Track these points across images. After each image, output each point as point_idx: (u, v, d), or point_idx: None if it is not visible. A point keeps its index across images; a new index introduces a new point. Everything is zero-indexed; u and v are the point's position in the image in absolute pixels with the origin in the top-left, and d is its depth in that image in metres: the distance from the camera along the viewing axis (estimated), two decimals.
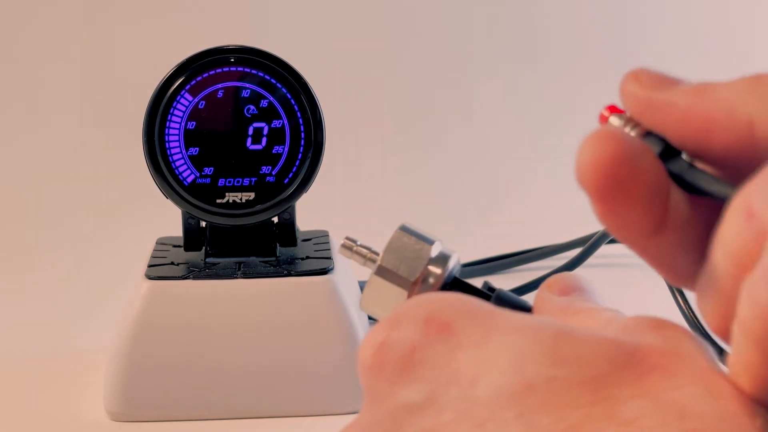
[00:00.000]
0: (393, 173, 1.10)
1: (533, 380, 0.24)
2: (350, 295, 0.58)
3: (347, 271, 0.61)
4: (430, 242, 0.32)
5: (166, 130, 0.58)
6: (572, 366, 0.24)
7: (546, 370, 0.24)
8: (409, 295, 0.31)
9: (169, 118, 0.58)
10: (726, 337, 0.25)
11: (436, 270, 0.31)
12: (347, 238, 0.34)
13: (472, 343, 0.25)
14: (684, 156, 0.27)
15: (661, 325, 0.25)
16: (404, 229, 0.32)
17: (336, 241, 0.64)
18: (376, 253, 0.33)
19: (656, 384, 0.23)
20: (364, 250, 0.34)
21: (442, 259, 0.31)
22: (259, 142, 0.58)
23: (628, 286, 0.73)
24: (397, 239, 0.32)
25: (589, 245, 0.75)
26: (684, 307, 0.63)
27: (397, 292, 0.31)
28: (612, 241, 0.79)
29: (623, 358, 0.24)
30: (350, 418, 0.57)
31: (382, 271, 0.32)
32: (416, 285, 0.31)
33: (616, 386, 0.23)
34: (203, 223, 0.60)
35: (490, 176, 1.11)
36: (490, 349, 0.25)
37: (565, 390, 0.23)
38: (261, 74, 0.58)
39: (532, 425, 0.23)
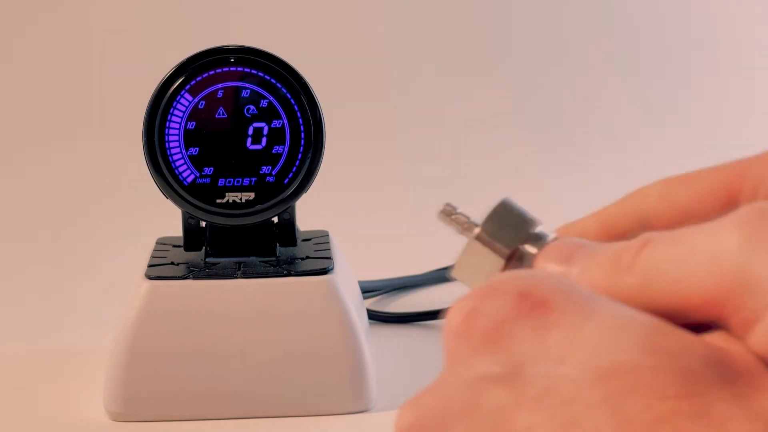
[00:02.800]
0: (393, 173, 1.10)
1: (624, 365, 0.24)
2: (350, 295, 0.58)
3: (347, 271, 0.61)
4: (532, 219, 0.31)
5: (166, 130, 0.58)
6: (663, 356, 0.24)
7: (639, 357, 0.24)
8: (504, 268, 0.31)
9: (169, 118, 0.58)
10: None
11: (532, 249, 0.31)
12: (447, 204, 0.34)
13: (568, 323, 0.25)
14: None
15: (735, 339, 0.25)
16: (508, 201, 0.32)
17: (336, 241, 0.64)
18: (475, 223, 0.32)
19: (745, 390, 0.23)
20: (463, 218, 0.33)
21: (541, 238, 0.31)
22: (259, 142, 0.58)
23: None
24: (500, 209, 0.32)
25: None
26: None
27: (492, 261, 0.31)
28: None
29: (715, 359, 0.24)
30: (350, 418, 0.57)
31: (480, 237, 0.31)
32: (513, 258, 0.31)
33: (706, 384, 0.23)
34: (203, 223, 0.60)
35: (490, 176, 1.11)
36: (585, 331, 0.25)
37: (655, 380, 0.23)
38: (261, 74, 0.58)
39: (617, 410, 0.23)
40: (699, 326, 0.26)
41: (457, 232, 0.33)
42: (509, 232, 0.31)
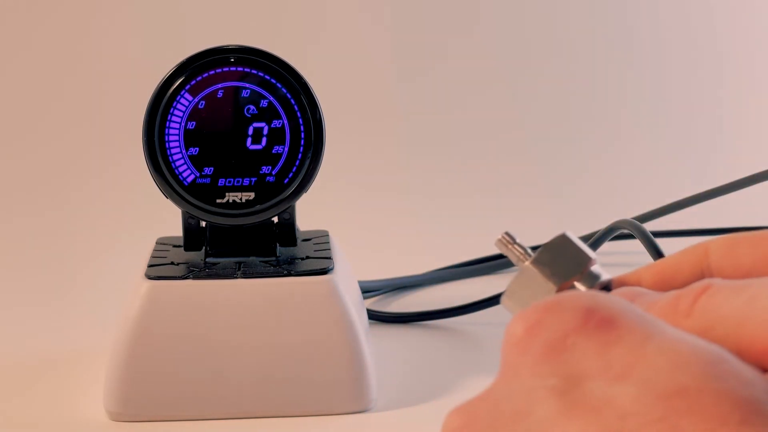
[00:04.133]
0: (393, 173, 1.10)
1: (687, 387, 0.24)
2: (350, 295, 0.58)
3: (347, 271, 0.61)
4: (588, 257, 0.32)
5: (166, 130, 0.58)
6: (728, 383, 0.24)
7: (701, 381, 0.24)
8: None
9: (169, 118, 0.58)
10: None
11: (582, 287, 0.31)
12: (506, 233, 0.34)
13: (632, 341, 0.25)
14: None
15: None
16: (567, 235, 0.32)
17: (336, 241, 0.64)
18: (531, 255, 0.33)
19: None
20: (520, 249, 0.33)
21: (594, 277, 0.31)
22: (259, 142, 0.58)
23: None
24: (558, 242, 0.32)
25: (589, 244, 0.75)
26: None
27: (544, 291, 0.31)
28: (614, 239, 0.79)
29: None
30: (350, 418, 0.57)
31: (535, 266, 0.32)
32: (564, 289, 0.31)
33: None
34: (203, 223, 0.60)
35: (489, 176, 1.11)
36: (649, 350, 0.25)
37: (716, 403, 0.23)
38: (261, 74, 0.58)
39: (675, 428, 0.23)
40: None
41: (513, 261, 0.33)
42: (563, 266, 0.32)
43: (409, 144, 1.13)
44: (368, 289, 0.76)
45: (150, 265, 0.58)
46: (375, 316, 0.72)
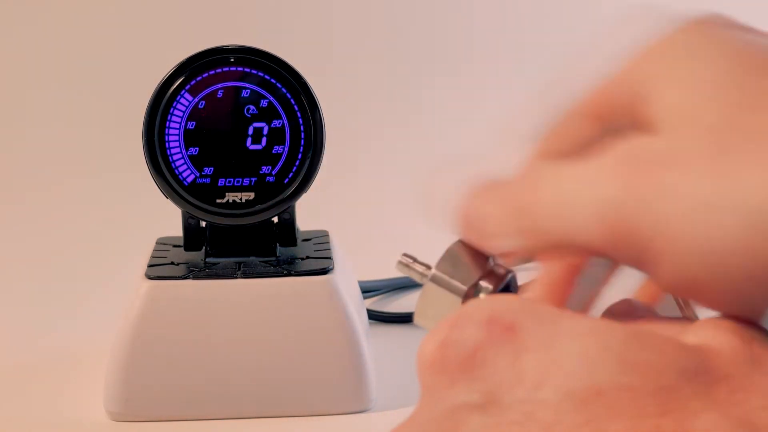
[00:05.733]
0: (393, 173, 1.10)
1: (602, 386, 0.24)
2: (350, 295, 0.58)
3: (347, 271, 0.61)
4: (486, 255, 0.32)
5: (166, 130, 0.58)
6: (642, 374, 0.24)
7: (615, 377, 0.24)
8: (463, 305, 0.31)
9: (169, 118, 0.58)
10: None
11: (488, 285, 0.31)
12: (405, 254, 0.34)
13: (538, 345, 0.25)
14: None
15: (729, 327, 0.25)
16: (461, 241, 0.32)
17: (336, 241, 0.64)
18: (431, 268, 0.33)
19: (725, 397, 0.23)
20: (421, 266, 0.33)
21: (496, 273, 0.31)
22: (259, 142, 0.58)
23: (628, 286, 0.73)
24: (453, 250, 0.32)
25: None
26: (683, 307, 0.62)
27: (451, 301, 0.31)
28: None
29: (692, 368, 0.24)
30: (350, 418, 0.57)
31: (436, 278, 0.32)
32: (469, 296, 0.31)
33: (686, 398, 0.23)
34: (203, 223, 0.60)
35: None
36: (557, 352, 0.25)
37: (635, 399, 0.23)
38: (261, 74, 0.58)
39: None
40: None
41: (417, 280, 0.33)
42: (464, 270, 0.31)
43: (410, 144, 1.13)
44: (368, 289, 0.76)
45: (150, 265, 0.58)
46: (375, 316, 0.72)
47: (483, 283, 0.31)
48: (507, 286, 0.32)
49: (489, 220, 0.29)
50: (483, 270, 0.31)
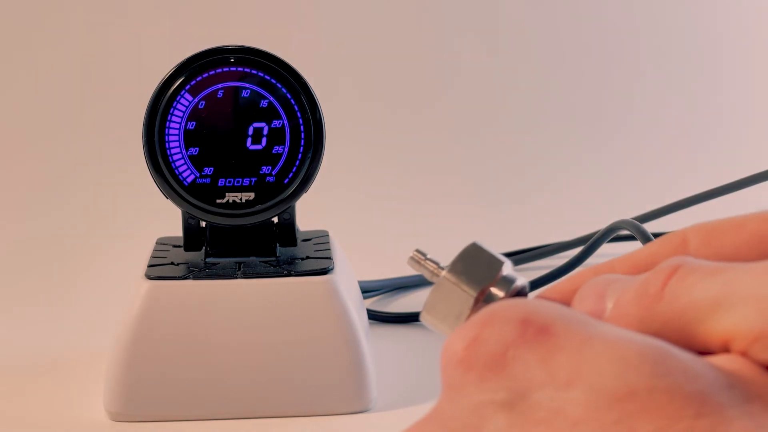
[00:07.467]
0: (393, 173, 1.10)
1: (636, 387, 0.24)
2: (350, 295, 0.58)
3: (347, 271, 0.61)
4: (501, 262, 0.32)
5: (166, 130, 0.58)
6: (677, 379, 0.24)
7: (650, 379, 0.24)
8: (472, 310, 0.31)
9: (169, 118, 0.58)
10: None
11: (498, 292, 0.31)
12: (417, 251, 0.34)
13: (572, 346, 0.25)
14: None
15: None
16: (478, 244, 0.32)
17: (336, 241, 0.64)
18: (443, 268, 0.32)
19: (761, 412, 0.23)
20: (432, 264, 0.33)
21: (509, 281, 0.31)
22: (259, 142, 0.58)
23: None
24: (470, 251, 0.32)
25: (589, 244, 0.75)
26: None
27: (462, 301, 0.31)
28: (613, 240, 0.79)
29: (727, 382, 0.24)
30: (350, 418, 0.57)
31: (449, 278, 0.32)
32: (480, 300, 0.31)
33: (721, 405, 0.23)
34: (203, 223, 0.60)
35: (490, 175, 1.11)
36: (591, 354, 0.25)
37: (669, 400, 0.23)
38: (261, 74, 0.58)
39: (632, 431, 0.23)
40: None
41: (427, 277, 0.33)
42: (477, 274, 0.31)
43: (410, 144, 1.13)
44: (368, 289, 0.76)
45: (150, 265, 0.58)
46: (375, 316, 0.72)
47: (494, 290, 0.31)
48: (518, 294, 0.31)
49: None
50: (496, 275, 0.31)
